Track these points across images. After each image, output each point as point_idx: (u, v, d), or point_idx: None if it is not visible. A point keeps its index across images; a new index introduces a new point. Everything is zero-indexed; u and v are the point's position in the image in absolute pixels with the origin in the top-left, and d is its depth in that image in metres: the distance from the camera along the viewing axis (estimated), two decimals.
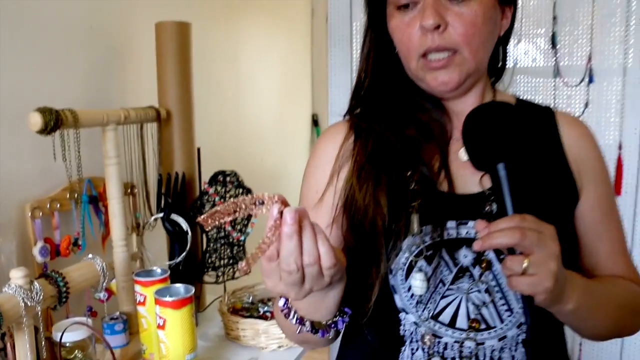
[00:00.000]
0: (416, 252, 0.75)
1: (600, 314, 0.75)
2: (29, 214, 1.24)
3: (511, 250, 0.65)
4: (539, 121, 0.85)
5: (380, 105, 0.85)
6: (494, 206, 0.76)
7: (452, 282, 0.75)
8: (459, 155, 0.81)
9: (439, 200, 0.77)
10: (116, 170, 1.31)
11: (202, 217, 0.54)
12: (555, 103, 2.15)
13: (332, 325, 0.71)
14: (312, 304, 0.65)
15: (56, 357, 1.24)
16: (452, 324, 0.75)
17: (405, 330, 0.77)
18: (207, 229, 0.56)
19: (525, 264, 0.62)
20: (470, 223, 0.75)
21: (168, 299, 1.11)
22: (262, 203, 0.55)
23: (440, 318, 0.75)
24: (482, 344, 0.74)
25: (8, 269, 1.14)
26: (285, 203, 0.55)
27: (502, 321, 0.75)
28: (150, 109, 1.47)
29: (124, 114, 1.34)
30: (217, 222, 0.54)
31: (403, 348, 0.77)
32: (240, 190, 1.61)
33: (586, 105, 2.11)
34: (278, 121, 2.75)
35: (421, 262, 0.75)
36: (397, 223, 0.75)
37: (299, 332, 0.68)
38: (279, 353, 1.33)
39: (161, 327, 1.12)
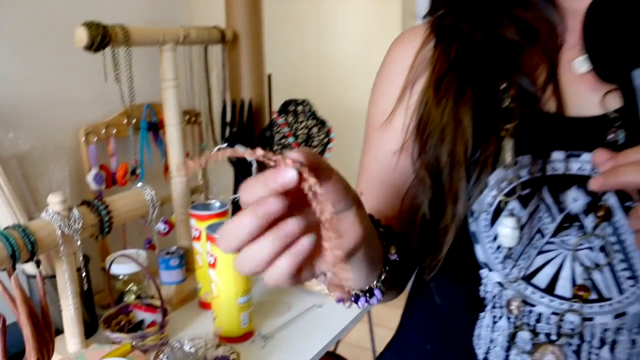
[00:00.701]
0: (507, 190, 0.55)
1: None
2: (83, 139, 1.17)
3: None
4: None
5: (469, 2, 0.65)
6: (621, 135, 0.55)
7: (555, 234, 0.55)
8: (573, 65, 0.60)
9: (543, 124, 0.57)
10: (174, 93, 1.20)
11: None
12: None
13: (353, 298, 0.56)
14: None
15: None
16: (550, 289, 0.56)
17: (487, 292, 0.59)
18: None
19: None
20: (586, 155, 0.55)
21: None
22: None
23: (535, 280, 0.56)
24: (591, 319, 0.55)
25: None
26: (307, 165, 0.37)
27: (621, 292, 0.54)
28: (214, 30, 1.33)
29: (183, 33, 1.22)
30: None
31: (482, 314, 0.60)
32: (314, 122, 1.46)
33: None
34: (365, 52, 2.54)
35: (513, 204, 0.55)
36: (484, 150, 0.56)
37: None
38: None
39: (212, 265, 1.02)
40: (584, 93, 0.58)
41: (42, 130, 1.11)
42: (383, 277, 0.56)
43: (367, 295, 0.56)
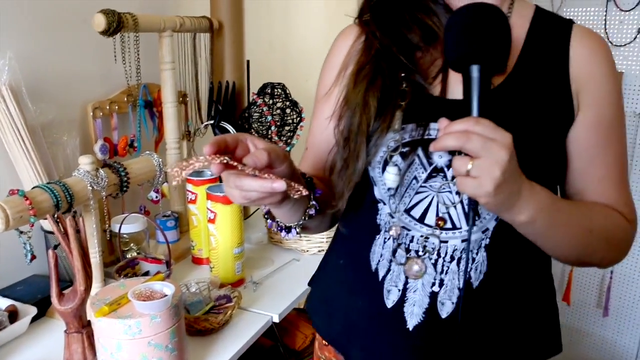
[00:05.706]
0: (393, 147, 0.77)
1: (564, 234, 0.74)
2: (91, 114, 1.32)
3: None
4: (551, 33, 0.80)
5: (387, 9, 0.84)
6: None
7: (426, 180, 0.77)
8: None
9: (428, 103, 0.78)
10: (171, 75, 1.37)
11: (173, 169, 0.60)
12: (606, 28, 2.13)
13: (279, 228, 0.80)
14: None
15: (113, 247, 1.35)
16: (422, 219, 0.78)
17: (381, 220, 0.81)
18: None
19: (469, 166, 0.62)
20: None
21: (220, 194, 1.18)
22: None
23: (412, 212, 0.79)
24: (446, 242, 0.77)
25: (73, 161, 1.23)
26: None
27: (467, 224, 0.76)
28: (203, 19, 1.50)
29: (179, 21, 1.38)
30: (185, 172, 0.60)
31: (377, 236, 0.81)
32: (287, 103, 1.65)
33: (639, 31, 2.09)
34: (324, 45, 2.74)
35: (396, 157, 0.76)
36: (382, 122, 0.77)
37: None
38: (319, 256, 1.40)
39: (212, 220, 1.20)
40: (457, 82, 0.73)
41: (59, 104, 1.25)
42: (300, 223, 0.79)
43: (286, 230, 0.80)
